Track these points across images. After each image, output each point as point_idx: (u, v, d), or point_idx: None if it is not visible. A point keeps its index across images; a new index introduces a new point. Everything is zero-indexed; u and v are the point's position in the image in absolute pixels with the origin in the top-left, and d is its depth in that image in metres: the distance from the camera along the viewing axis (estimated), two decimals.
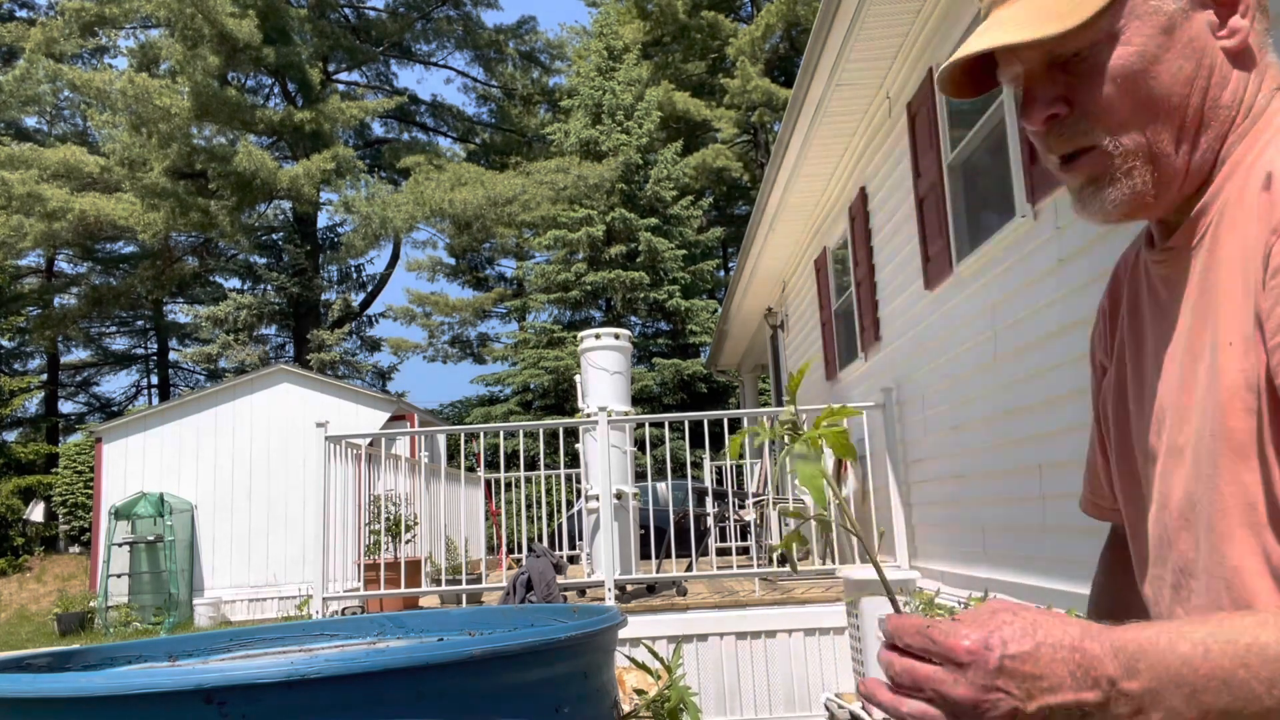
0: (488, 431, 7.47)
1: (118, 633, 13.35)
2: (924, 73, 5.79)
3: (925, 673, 0.65)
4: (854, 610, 4.67)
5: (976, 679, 0.63)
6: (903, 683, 0.67)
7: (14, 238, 21.72)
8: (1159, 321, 0.85)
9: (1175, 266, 0.82)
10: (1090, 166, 0.80)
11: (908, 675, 0.66)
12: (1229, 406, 0.73)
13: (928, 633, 0.65)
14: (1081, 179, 0.81)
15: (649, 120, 25.37)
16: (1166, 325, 0.83)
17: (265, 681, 0.56)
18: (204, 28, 23.23)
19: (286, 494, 14.81)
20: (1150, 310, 0.87)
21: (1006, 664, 0.63)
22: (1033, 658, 0.63)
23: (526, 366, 24.86)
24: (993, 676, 0.63)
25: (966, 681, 0.63)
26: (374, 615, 0.99)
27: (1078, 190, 0.82)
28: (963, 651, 0.63)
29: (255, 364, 25.32)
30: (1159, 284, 0.86)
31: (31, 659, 0.80)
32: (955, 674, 0.63)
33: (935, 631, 0.65)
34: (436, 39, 31.77)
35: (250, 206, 25.94)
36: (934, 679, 0.64)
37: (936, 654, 0.65)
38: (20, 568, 18.55)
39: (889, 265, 6.73)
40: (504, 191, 24.65)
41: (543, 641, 0.64)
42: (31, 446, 22.90)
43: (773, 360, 13.23)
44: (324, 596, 6.04)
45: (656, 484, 12.43)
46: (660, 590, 6.43)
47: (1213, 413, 0.74)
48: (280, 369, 16.21)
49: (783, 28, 26.70)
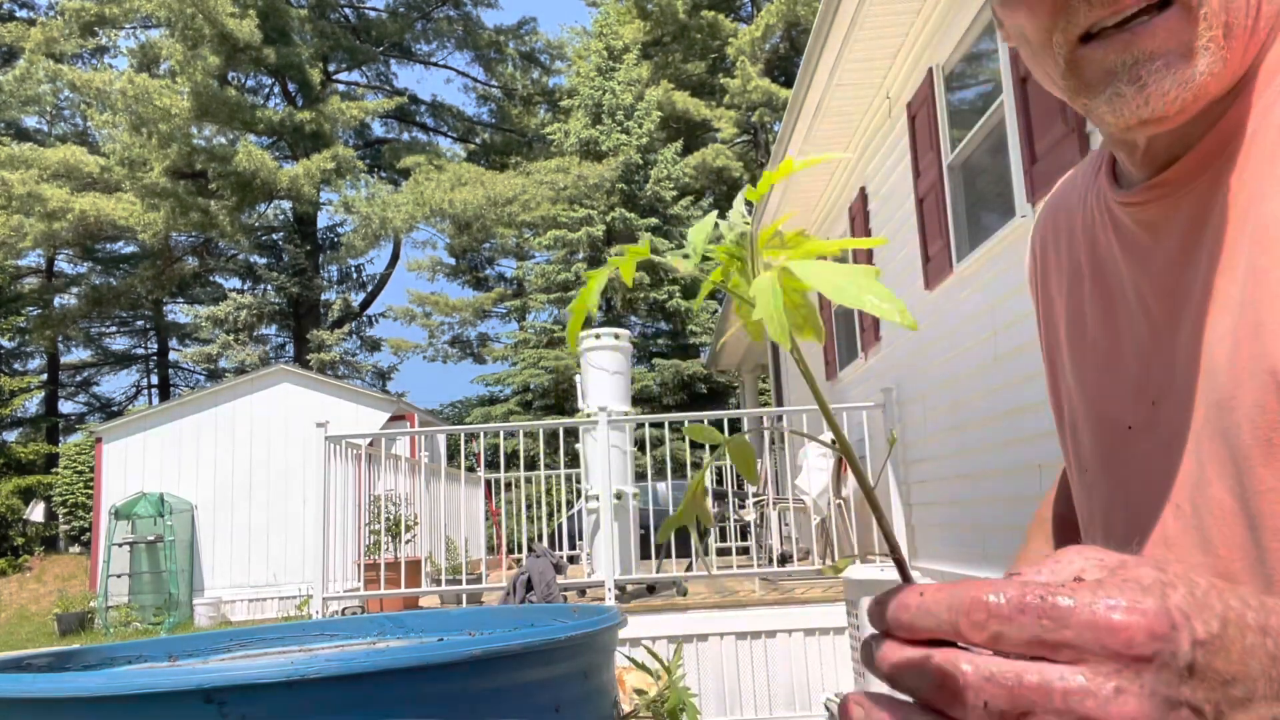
0: (488, 431, 7.47)
1: (118, 633, 13.36)
2: (924, 73, 5.79)
3: (1044, 683, 0.35)
4: (854, 610, 4.67)
5: (1159, 685, 0.35)
6: (972, 709, 0.36)
7: (14, 238, 21.73)
8: (1144, 273, 0.69)
9: (1170, 206, 0.66)
10: (1167, 30, 0.59)
11: (1000, 691, 0.35)
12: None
13: (1047, 600, 0.36)
14: (1143, 49, 0.59)
15: (649, 120, 25.38)
16: (1160, 275, 0.67)
17: (265, 681, 0.56)
18: (204, 28, 23.24)
19: (286, 494, 14.81)
20: (1126, 262, 0.71)
21: (1199, 658, 0.36)
22: (1224, 647, 0.36)
23: (526, 366, 24.87)
24: (1181, 679, 0.35)
25: (1139, 691, 0.35)
26: (374, 615, 0.99)
27: (1134, 66, 0.60)
28: (1144, 635, 0.35)
29: (255, 364, 25.32)
30: (1138, 230, 0.69)
31: (31, 659, 0.80)
32: (1116, 679, 0.35)
33: (1061, 598, 0.36)
34: (436, 39, 31.80)
35: (250, 206, 25.96)
36: (1069, 693, 0.35)
37: (1068, 639, 0.36)
38: (20, 568, 18.56)
39: (889, 265, 6.74)
40: (504, 191, 24.66)
41: (542, 641, 0.64)
42: (31, 446, 22.90)
43: (773, 360, 13.24)
44: (324, 596, 6.04)
45: (656, 484, 12.43)
46: (660, 590, 6.44)
47: (1254, 380, 0.58)
48: (280, 369, 16.21)
49: (783, 28, 26.71)
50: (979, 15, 5.00)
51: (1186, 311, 0.64)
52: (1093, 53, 0.61)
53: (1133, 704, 0.34)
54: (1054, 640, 0.35)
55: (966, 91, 5.58)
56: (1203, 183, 0.63)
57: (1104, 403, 0.72)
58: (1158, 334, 0.67)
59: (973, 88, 5.47)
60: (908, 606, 0.39)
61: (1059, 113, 3.98)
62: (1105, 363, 0.72)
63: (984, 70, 5.19)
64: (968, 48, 5.27)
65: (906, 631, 0.39)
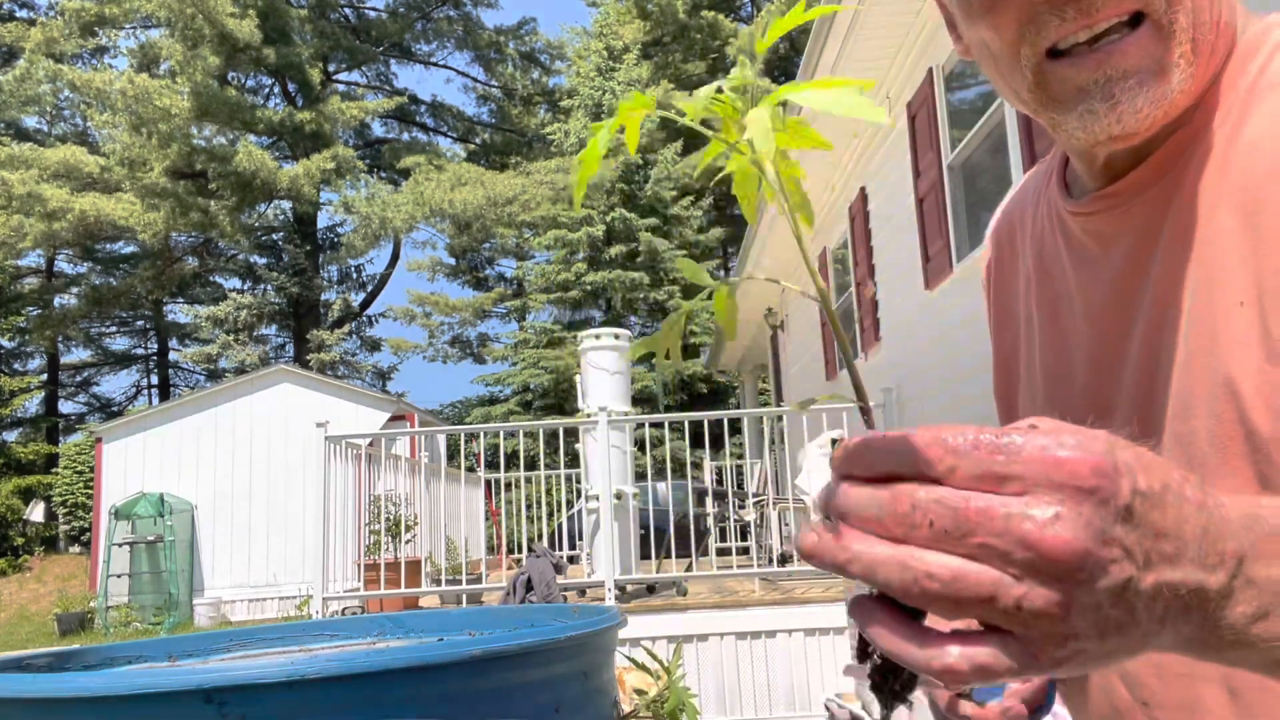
0: (488, 431, 7.47)
1: (118, 633, 13.35)
2: (924, 73, 5.79)
3: (989, 507, 0.37)
4: None
5: (1096, 518, 0.36)
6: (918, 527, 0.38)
7: (14, 238, 21.73)
8: (1092, 282, 0.69)
9: (1119, 217, 0.67)
10: (1139, 49, 0.59)
11: (946, 512, 0.37)
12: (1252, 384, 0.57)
13: (1000, 438, 0.38)
14: (1116, 68, 0.60)
15: (649, 120, 25.39)
16: (1107, 286, 0.68)
17: (265, 681, 0.56)
18: (204, 28, 23.24)
19: (286, 494, 14.81)
20: (1074, 271, 0.71)
21: (1136, 504, 0.37)
22: (1161, 503, 0.38)
23: (526, 366, 24.87)
24: (1116, 519, 0.37)
25: (1075, 519, 0.36)
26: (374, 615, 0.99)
27: (1107, 84, 0.60)
28: (1087, 470, 0.37)
29: (255, 364, 25.32)
30: (1088, 240, 0.70)
31: (31, 659, 0.80)
32: (1057, 506, 0.36)
33: (1015, 436, 0.38)
34: (436, 39, 31.80)
35: (250, 206, 25.96)
36: (1010, 515, 0.36)
37: (1016, 473, 0.37)
38: (20, 568, 18.56)
39: (889, 265, 6.74)
40: (504, 191, 24.67)
41: (542, 642, 0.64)
42: (31, 446, 22.90)
43: (773, 360, 13.24)
44: (324, 596, 6.04)
45: (656, 484, 12.43)
46: (660, 590, 6.44)
47: (1210, 389, 0.59)
48: (280, 369, 16.21)
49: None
50: None
51: (1137, 322, 0.65)
52: (1063, 69, 0.62)
53: (1068, 530, 0.36)
54: (1004, 473, 0.37)
55: (966, 91, 5.58)
56: (1154, 194, 0.65)
57: (1055, 409, 0.72)
58: (1106, 343, 0.68)
59: (973, 88, 5.47)
60: (870, 447, 0.40)
61: None
62: (1055, 370, 0.73)
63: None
64: None
65: (865, 469, 0.40)
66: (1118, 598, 0.37)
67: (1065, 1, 0.59)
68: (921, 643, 0.38)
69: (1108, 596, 0.37)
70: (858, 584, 0.41)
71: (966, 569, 0.37)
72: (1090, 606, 0.37)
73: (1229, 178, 0.60)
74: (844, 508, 0.40)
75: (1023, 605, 0.36)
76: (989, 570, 0.36)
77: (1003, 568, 0.36)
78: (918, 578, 0.37)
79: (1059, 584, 0.36)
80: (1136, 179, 0.65)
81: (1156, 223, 0.64)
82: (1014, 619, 0.37)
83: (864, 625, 0.41)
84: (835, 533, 0.40)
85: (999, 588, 0.36)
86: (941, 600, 0.37)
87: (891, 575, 0.38)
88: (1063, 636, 0.37)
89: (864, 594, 0.42)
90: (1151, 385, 0.64)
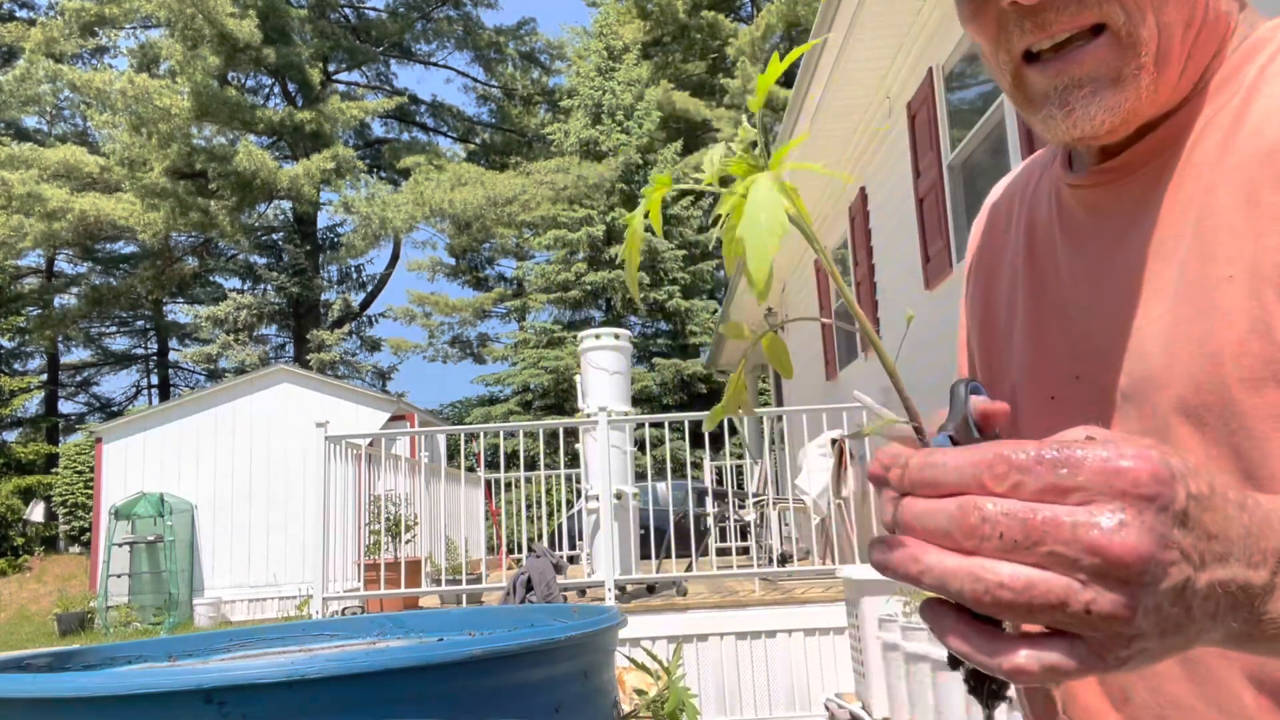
0: (488, 431, 7.47)
1: (118, 633, 13.36)
2: (924, 73, 5.79)
3: (1055, 517, 0.38)
4: (854, 610, 4.67)
5: (1158, 523, 0.38)
6: (988, 539, 0.39)
7: (14, 238, 21.73)
8: (1079, 252, 0.71)
9: (1114, 190, 0.69)
10: (1094, 59, 0.62)
11: (1014, 524, 0.38)
12: (1232, 353, 0.58)
13: (1063, 452, 0.39)
14: (1072, 76, 0.63)
15: (649, 120, 25.40)
16: (1095, 256, 0.69)
17: (265, 681, 0.56)
18: (204, 28, 23.25)
19: (286, 494, 14.81)
20: (1063, 240, 0.73)
21: (1191, 508, 0.39)
22: (1210, 506, 0.40)
23: (526, 366, 24.88)
24: (1175, 523, 0.38)
25: (1140, 525, 0.37)
26: (374, 615, 0.99)
27: (1064, 91, 0.63)
28: (1147, 477, 0.38)
29: (255, 364, 25.32)
30: (1080, 211, 0.72)
31: (31, 659, 0.80)
32: (1121, 514, 0.37)
33: (1077, 450, 0.39)
34: (436, 39, 31.81)
35: (250, 206, 25.97)
36: (1077, 524, 0.37)
37: (1079, 484, 0.38)
38: (20, 568, 18.56)
39: (889, 265, 6.74)
40: (504, 191, 24.67)
41: (542, 642, 0.64)
42: (31, 446, 22.91)
43: None
44: (324, 596, 6.04)
45: (656, 484, 12.43)
46: (660, 590, 6.44)
47: (1192, 359, 0.60)
48: (280, 369, 16.21)
49: (783, 28, 26.71)
50: None
51: (1117, 292, 0.67)
52: (1032, 74, 0.65)
53: (1134, 535, 0.38)
54: (1068, 485, 0.39)
55: (966, 91, 5.58)
56: (1151, 170, 0.66)
57: (1031, 372, 0.74)
58: (1085, 312, 0.70)
59: (973, 88, 5.47)
60: (933, 464, 0.42)
61: None
62: (1033, 334, 0.75)
63: (984, 70, 5.20)
64: (968, 48, 5.27)
65: (929, 488, 0.41)
66: (1177, 597, 0.39)
67: (1025, 14, 0.63)
68: (991, 645, 0.40)
69: (1169, 597, 0.39)
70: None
71: (1037, 577, 0.38)
72: (1153, 608, 0.38)
73: (1231, 157, 0.62)
74: (911, 522, 0.42)
75: (1092, 609, 0.38)
76: (1059, 578, 0.38)
77: (1071, 574, 0.38)
78: (989, 588, 0.38)
79: (1125, 588, 0.38)
80: (1134, 154, 0.67)
81: (1151, 197, 0.66)
82: (1083, 623, 0.38)
83: (935, 629, 0.42)
84: (903, 545, 0.42)
85: (1069, 594, 0.38)
86: (1014, 608, 0.38)
87: (964, 586, 0.39)
88: (1128, 637, 0.38)
89: (934, 599, 0.43)
90: (1125, 355, 0.65)
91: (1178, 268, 0.62)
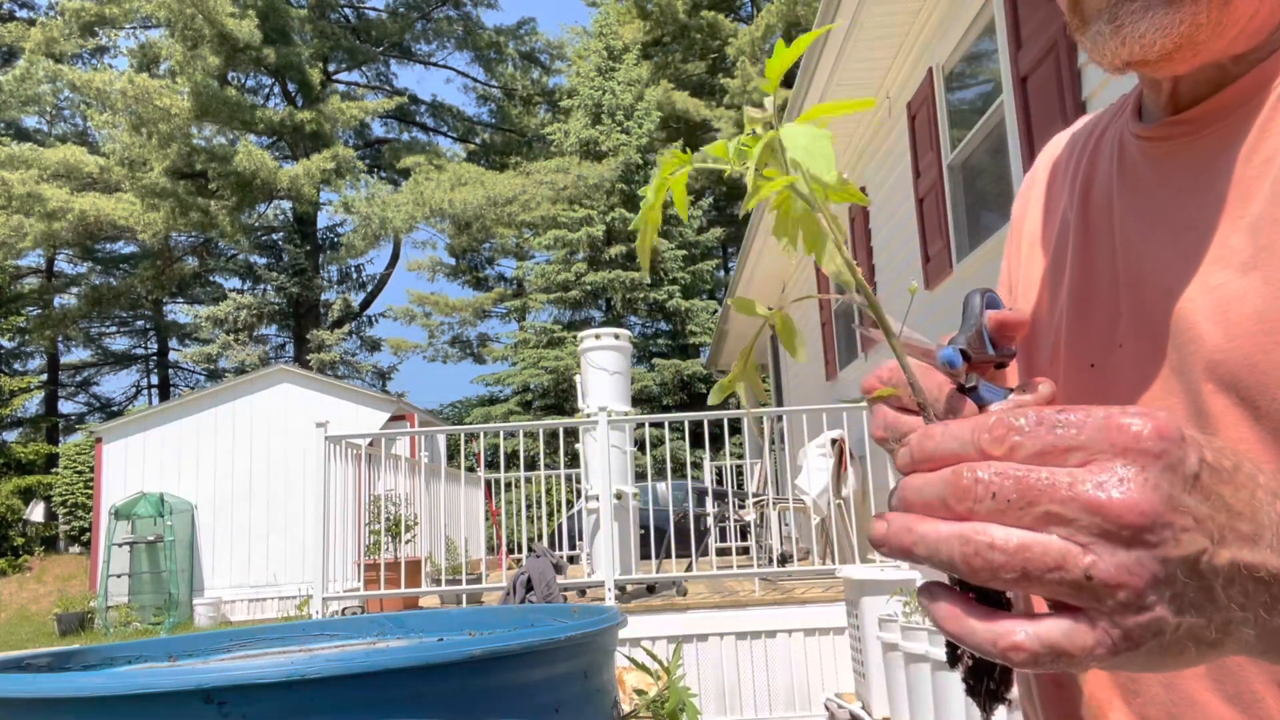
0: (488, 431, 7.47)
1: (118, 633, 13.36)
2: (924, 73, 5.79)
3: (1052, 475, 0.36)
4: (854, 610, 4.67)
5: (1163, 481, 0.36)
6: (980, 500, 0.37)
7: (14, 238, 21.73)
8: (1137, 210, 0.65)
9: (1183, 145, 0.62)
10: None
11: (1008, 482, 0.36)
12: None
13: (1063, 414, 0.37)
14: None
15: (649, 120, 25.40)
16: (1154, 215, 0.64)
17: (265, 681, 0.56)
18: (204, 28, 23.25)
19: (286, 494, 14.81)
20: (1121, 195, 0.68)
21: (1204, 477, 0.37)
22: (1232, 480, 0.38)
23: (526, 366, 24.88)
24: (1185, 487, 0.36)
25: (1142, 482, 0.35)
26: (374, 615, 0.99)
27: (1114, 6, 0.59)
28: (1150, 436, 0.36)
29: (255, 364, 25.33)
30: (1144, 165, 0.66)
31: (31, 659, 0.80)
32: (1122, 470, 0.35)
33: (1077, 413, 0.37)
34: (436, 39, 31.81)
35: (250, 206, 25.97)
36: (1075, 481, 0.36)
37: (1080, 442, 0.36)
38: (20, 568, 18.56)
39: (889, 265, 6.74)
40: (504, 191, 24.67)
41: (542, 642, 0.64)
42: (31, 446, 22.91)
43: (773, 360, 13.24)
44: (324, 596, 6.04)
45: (656, 484, 12.43)
46: (660, 590, 6.44)
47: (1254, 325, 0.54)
48: (280, 369, 16.22)
49: (783, 28, 26.72)
50: (979, 15, 5.00)
51: (1174, 255, 0.61)
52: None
53: (1136, 491, 0.35)
54: (1066, 444, 0.37)
55: (966, 91, 5.58)
56: (1226, 126, 0.60)
57: (1071, 337, 0.70)
58: (1137, 274, 0.64)
59: (973, 88, 5.47)
60: (932, 435, 0.40)
61: (1059, 113, 3.98)
62: (1078, 296, 0.70)
63: (984, 70, 5.19)
64: (968, 48, 5.27)
65: (930, 461, 0.39)
66: (1192, 570, 0.36)
67: None
68: (987, 625, 0.37)
69: (1181, 567, 0.35)
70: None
71: (1031, 539, 0.35)
72: (1164, 579, 0.35)
73: None
74: (908, 495, 0.40)
75: (1092, 575, 0.35)
76: (1056, 540, 0.35)
77: (1070, 537, 0.35)
78: (979, 549, 0.36)
79: (1129, 550, 0.35)
80: (1210, 106, 0.61)
81: (1224, 155, 0.60)
82: (1084, 591, 0.35)
83: (928, 608, 0.40)
84: (898, 518, 0.39)
85: (1066, 557, 0.35)
86: (1007, 572, 0.36)
87: (954, 550, 0.37)
88: (1136, 608, 0.35)
89: (932, 581, 0.41)
90: (1179, 324, 0.59)
91: (1246, 234, 0.57)
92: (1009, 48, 4.56)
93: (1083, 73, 3.86)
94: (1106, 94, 3.58)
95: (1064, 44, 3.97)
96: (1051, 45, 4.10)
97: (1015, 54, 4.49)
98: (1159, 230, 0.63)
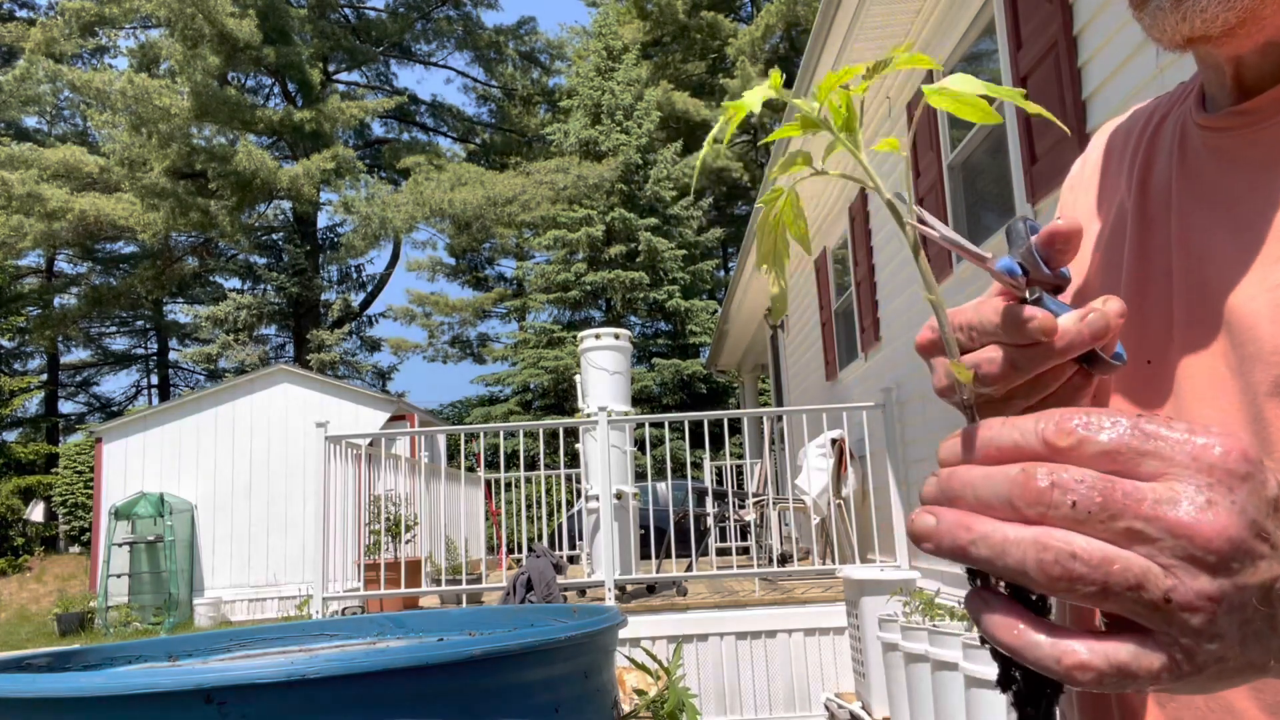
0: (488, 431, 7.47)
1: (118, 633, 13.36)
2: (924, 73, 5.79)
3: (1137, 488, 0.34)
4: (854, 610, 4.67)
5: (1249, 505, 0.34)
6: (1056, 506, 0.34)
7: (14, 238, 21.74)
8: (1197, 202, 0.62)
9: (1249, 136, 0.58)
10: None
11: (1090, 492, 0.34)
12: None
13: (1140, 420, 0.35)
14: None
15: (649, 120, 25.40)
16: (1215, 208, 0.60)
17: (265, 681, 0.56)
18: (204, 28, 23.25)
19: (286, 494, 14.82)
20: (1181, 186, 0.64)
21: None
22: None
23: (526, 366, 24.88)
24: (1268, 511, 0.34)
25: (1230, 505, 0.33)
26: (374, 615, 0.99)
27: None
28: (1238, 454, 0.34)
29: (255, 364, 25.32)
30: (1206, 155, 0.62)
31: (31, 659, 0.80)
32: (1209, 491, 0.33)
33: (1153, 423, 0.35)
34: (436, 39, 31.81)
35: (250, 206, 25.97)
36: (1160, 499, 0.33)
37: (1156, 450, 0.34)
38: (20, 568, 18.56)
39: (889, 265, 6.74)
40: (504, 191, 24.67)
41: (542, 642, 0.64)
42: (31, 446, 22.91)
43: (773, 360, 13.24)
44: (324, 596, 6.04)
45: (656, 484, 12.44)
46: (660, 590, 6.44)
47: None
48: (280, 369, 16.21)
49: (783, 28, 26.74)
50: (979, 15, 5.00)
51: (1235, 251, 0.58)
52: None
53: (1224, 516, 0.33)
54: (1143, 449, 0.34)
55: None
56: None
57: (1130, 331, 0.66)
58: (1196, 270, 0.61)
59: None
60: (991, 425, 0.37)
61: (1059, 113, 3.98)
62: (1134, 290, 0.67)
63: (984, 70, 5.19)
64: (968, 48, 5.27)
65: (987, 450, 0.37)
66: (1264, 598, 0.34)
67: None
68: (1050, 639, 0.35)
69: (1255, 595, 0.33)
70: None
71: (1115, 553, 0.33)
72: (1237, 606, 0.33)
73: None
74: (956, 489, 0.36)
75: (1171, 598, 0.33)
76: (1138, 557, 0.33)
77: (1152, 556, 0.33)
78: (1060, 558, 0.33)
79: (1210, 577, 0.33)
80: (1275, 96, 0.57)
81: None
82: (1158, 614, 0.33)
83: (979, 618, 0.37)
84: (950, 512, 0.36)
85: (1148, 577, 0.33)
86: (1086, 585, 0.33)
87: (1028, 556, 0.34)
88: (1208, 636, 0.33)
89: (982, 588, 0.38)
90: (1236, 324, 0.56)
91: None
92: (1009, 48, 4.56)
93: (1083, 72, 3.86)
94: (1107, 94, 3.58)
95: (1064, 44, 3.97)
96: (1051, 45, 4.10)
97: (1015, 54, 4.50)
98: (1219, 224, 0.59)
